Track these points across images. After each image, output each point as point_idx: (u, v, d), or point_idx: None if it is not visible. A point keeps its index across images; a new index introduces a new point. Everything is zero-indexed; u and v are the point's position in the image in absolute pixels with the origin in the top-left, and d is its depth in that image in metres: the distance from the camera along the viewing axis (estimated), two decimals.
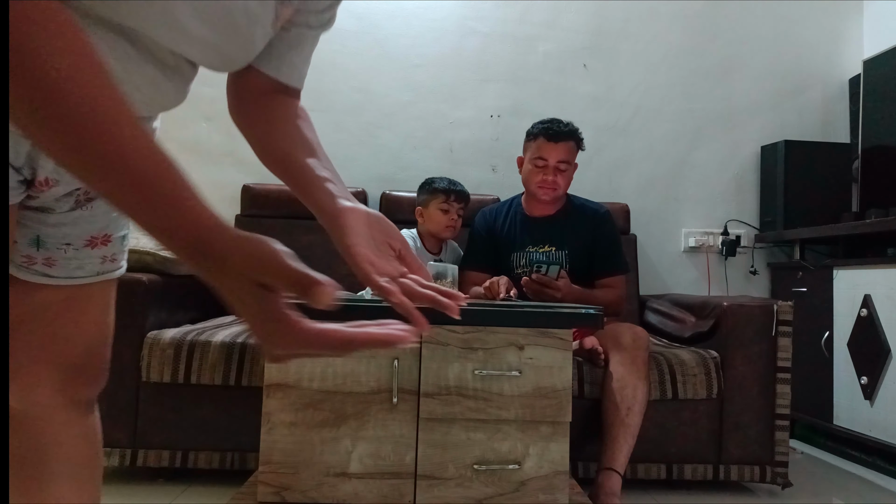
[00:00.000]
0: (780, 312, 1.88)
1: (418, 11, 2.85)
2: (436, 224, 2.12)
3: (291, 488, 1.35)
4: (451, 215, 2.10)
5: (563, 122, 2.08)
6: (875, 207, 2.36)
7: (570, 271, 2.07)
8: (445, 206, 2.10)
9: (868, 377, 2.21)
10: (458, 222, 2.13)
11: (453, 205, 2.10)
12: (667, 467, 1.86)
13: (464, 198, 2.14)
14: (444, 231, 2.13)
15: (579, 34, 2.91)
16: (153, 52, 0.61)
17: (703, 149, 2.93)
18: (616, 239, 2.15)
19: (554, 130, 2.05)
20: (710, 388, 1.85)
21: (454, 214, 2.11)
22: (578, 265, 2.09)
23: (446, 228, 2.12)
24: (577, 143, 2.09)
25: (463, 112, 2.86)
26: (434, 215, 2.12)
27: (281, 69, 0.78)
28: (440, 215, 2.10)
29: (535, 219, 2.15)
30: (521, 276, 2.10)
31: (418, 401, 1.38)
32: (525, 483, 1.39)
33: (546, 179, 2.05)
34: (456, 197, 2.11)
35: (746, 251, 2.88)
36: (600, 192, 2.46)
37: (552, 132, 2.05)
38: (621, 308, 2.09)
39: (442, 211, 2.10)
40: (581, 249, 2.10)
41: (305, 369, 1.37)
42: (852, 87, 2.90)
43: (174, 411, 1.65)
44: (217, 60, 0.70)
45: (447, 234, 2.14)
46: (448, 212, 2.10)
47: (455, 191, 2.12)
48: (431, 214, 2.12)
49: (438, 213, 2.11)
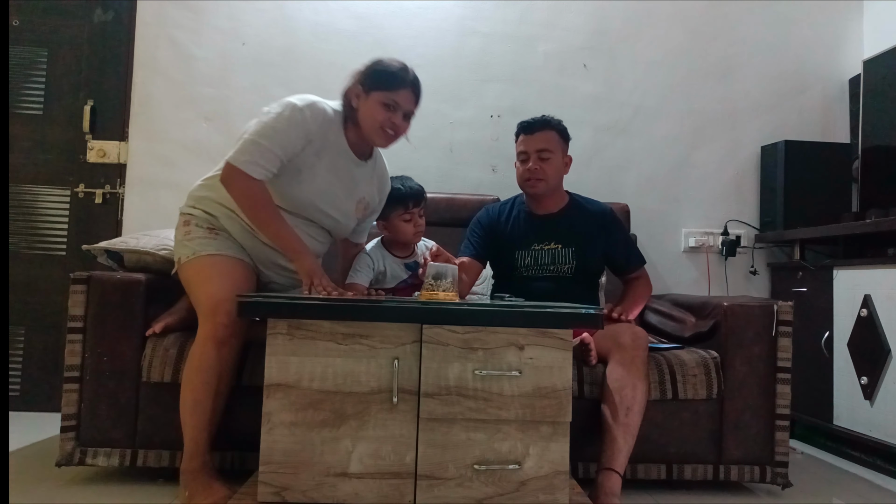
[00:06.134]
0: (780, 312, 1.88)
1: (418, 11, 2.86)
2: (403, 234, 2.04)
3: (291, 488, 1.36)
4: (414, 221, 2.03)
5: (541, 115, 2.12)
6: (875, 207, 2.36)
7: (577, 268, 2.08)
8: (407, 215, 2.02)
9: (868, 377, 2.21)
10: (422, 223, 2.05)
11: (413, 211, 2.02)
12: (667, 467, 1.86)
13: (421, 198, 2.04)
14: (413, 238, 2.06)
15: (579, 34, 2.91)
16: (310, 222, 1.81)
17: (703, 149, 2.93)
18: (628, 233, 2.23)
19: (528, 123, 2.12)
20: (710, 388, 1.85)
21: (417, 218, 2.03)
22: (584, 262, 2.09)
23: (415, 235, 2.05)
24: (558, 133, 2.10)
25: (463, 112, 2.86)
26: (398, 226, 2.03)
27: (355, 236, 2.04)
28: (404, 225, 2.02)
29: (540, 216, 2.15)
30: (524, 274, 2.10)
31: (418, 401, 1.38)
32: (525, 483, 1.39)
33: (527, 169, 2.07)
34: (414, 203, 2.01)
35: (746, 251, 2.89)
36: (600, 192, 2.46)
37: (525, 124, 2.12)
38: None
39: (404, 221, 2.02)
40: (587, 247, 2.10)
41: (306, 369, 1.38)
42: (852, 87, 2.90)
43: (174, 411, 1.64)
44: (336, 230, 1.89)
45: (418, 240, 2.09)
46: (410, 220, 2.02)
47: (413, 196, 2.01)
48: (396, 226, 2.04)
49: (402, 224, 2.02)
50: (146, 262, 1.96)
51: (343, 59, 2.82)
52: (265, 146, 1.65)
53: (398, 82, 1.75)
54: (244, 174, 1.64)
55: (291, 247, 1.67)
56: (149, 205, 2.74)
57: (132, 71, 2.78)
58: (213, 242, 1.73)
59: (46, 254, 2.75)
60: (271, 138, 1.66)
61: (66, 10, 2.79)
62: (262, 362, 1.38)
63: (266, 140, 1.65)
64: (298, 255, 1.66)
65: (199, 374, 1.58)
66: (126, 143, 2.76)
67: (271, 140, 1.66)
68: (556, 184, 2.13)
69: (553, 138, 2.09)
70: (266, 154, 1.65)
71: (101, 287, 1.78)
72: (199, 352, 1.59)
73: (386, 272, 2.04)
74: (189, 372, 1.61)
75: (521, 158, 2.11)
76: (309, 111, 1.71)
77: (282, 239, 1.68)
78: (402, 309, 1.40)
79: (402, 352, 1.39)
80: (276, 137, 1.66)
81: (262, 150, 1.65)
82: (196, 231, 1.75)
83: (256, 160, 1.64)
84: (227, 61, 2.80)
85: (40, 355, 2.70)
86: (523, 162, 2.10)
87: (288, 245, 1.68)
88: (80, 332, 1.77)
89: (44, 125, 2.77)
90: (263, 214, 1.68)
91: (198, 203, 1.80)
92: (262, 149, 1.65)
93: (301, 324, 1.38)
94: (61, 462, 1.76)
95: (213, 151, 2.77)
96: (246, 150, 1.65)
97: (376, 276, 2.04)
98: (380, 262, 2.04)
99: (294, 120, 1.68)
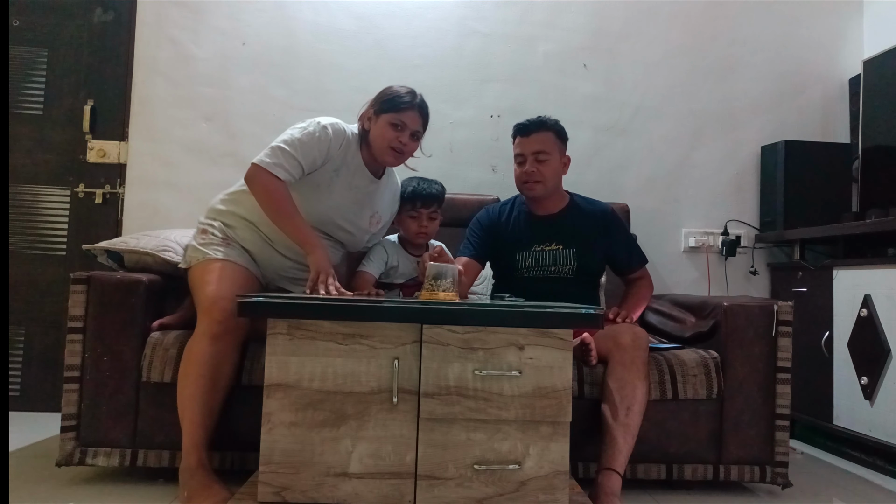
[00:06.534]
0: (780, 312, 1.88)
1: (418, 11, 2.86)
2: (407, 231, 2.11)
3: (291, 488, 1.36)
4: (420, 221, 2.07)
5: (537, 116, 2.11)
6: (875, 207, 2.36)
7: (578, 269, 2.08)
8: (413, 213, 2.08)
9: (868, 377, 2.21)
10: (430, 226, 2.09)
11: (421, 211, 2.07)
12: (667, 467, 1.86)
13: (432, 201, 2.08)
14: (415, 237, 2.11)
15: (579, 34, 2.91)
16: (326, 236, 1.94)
17: (703, 149, 2.93)
18: (629, 233, 2.23)
19: (523, 124, 2.11)
20: (710, 388, 1.85)
21: (424, 220, 2.07)
22: (586, 263, 2.09)
23: (417, 235, 2.09)
24: (554, 133, 2.09)
25: (463, 112, 2.86)
26: (404, 223, 2.11)
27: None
28: (409, 222, 2.09)
29: (541, 217, 2.14)
30: (524, 275, 2.10)
31: (418, 401, 1.38)
32: (525, 483, 1.39)
33: (524, 171, 2.07)
34: (422, 203, 2.07)
35: (746, 251, 2.89)
36: (600, 192, 2.46)
37: (521, 126, 2.11)
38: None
39: (411, 218, 2.09)
40: (588, 247, 2.10)
41: (306, 369, 1.38)
42: (852, 87, 2.90)
43: (174, 411, 1.65)
44: (351, 243, 2.05)
45: (420, 240, 2.12)
46: (417, 218, 2.08)
47: (421, 197, 2.07)
48: (403, 222, 2.12)
49: (408, 221, 2.09)
50: (146, 262, 1.96)
51: (343, 59, 2.84)
52: (289, 152, 1.80)
53: (405, 104, 1.90)
54: (268, 172, 1.78)
55: (308, 240, 1.76)
56: (149, 205, 2.74)
57: (132, 71, 2.78)
58: (224, 250, 1.85)
59: (46, 254, 2.75)
60: (296, 147, 1.81)
61: (66, 10, 2.79)
62: (263, 362, 1.38)
63: (291, 147, 1.81)
64: (314, 248, 1.75)
65: (194, 366, 1.63)
66: (126, 143, 2.76)
67: (295, 149, 1.81)
68: (555, 185, 2.12)
69: (549, 139, 2.08)
70: (290, 160, 1.80)
71: (101, 287, 1.78)
72: (194, 345, 1.67)
73: (398, 267, 2.11)
74: (184, 365, 1.67)
75: (518, 161, 2.10)
76: (332, 129, 1.87)
77: (300, 232, 1.78)
78: (402, 309, 1.40)
79: (402, 352, 1.39)
80: (301, 148, 1.82)
81: (286, 154, 1.80)
82: (210, 238, 1.88)
83: (281, 162, 1.79)
84: (227, 61, 2.80)
85: (40, 355, 2.70)
86: (520, 164, 2.09)
87: (305, 238, 1.77)
88: (80, 332, 1.77)
89: (44, 125, 2.77)
90: (283, 209, 1.78)
91: (218, 216, 1.93)
92: (287, 154, 1.80)
93: (301, 324, 1.38)
94: (61, 462, 1.76)
95: (213, 151, 2.77)
96: (272, 154, 1.80)
97: (388, 269, 2.10)
98: (393, 257, 2.11)
99: (318, 136, 1.84)
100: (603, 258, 2.17)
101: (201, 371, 1.63)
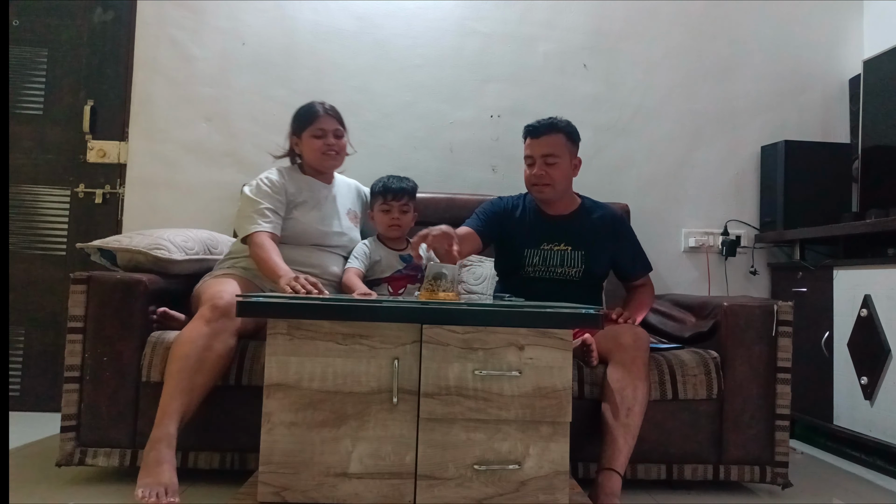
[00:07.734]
0: (780, 312, 1.88)
1: (418, 11, 2.86)
2: (380, 224, 2.18)
3: (291, 488, 1.36)
4: (391, 214, 2.14)
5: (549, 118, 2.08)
6: (875, 207, 2.36)
7: (584, 272, 2.07)
8: (385, 206, 2.14)
9: (868, 377, 2.21)
10: (402, 219, 2.15)
11: (392, 204, 2.14)
12: (667, 467, 1.86)
13: (402, 194, 2.15)
14: (388, 230, 2.17)
15: (579, 34, 2.91)
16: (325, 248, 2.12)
17: (703, 149, 2.93)
18: (637, 240, 2.21)
19: (534, 126, 2.08)
20: (710, 388, 1.85)
21: (395, 212, 2.14)
22: (593, 266, 2.08)
23: (389, 228, 2.16)
24: (565, 135, 2.06)
25: (463, 112, 2.86)
26: (378, 217, 2.18)
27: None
28: (381, 215, 2.16)
29: (551, 217, 2.12)
30: (530, 274, 2.08)
31: (418, 401, 1.38)
32: (525, 483, 1.39)
33: (533, 174, 2.05)
34: (392, 196, 2.13)
35: (746, 251, 2.89)
36: (600, 192, 2.45)
37: (531, 128, 2.08)
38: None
39: (383, 212, 2.15)
40: (597, 251, 2.08)
41: (306, 369, 1.38)
42: (852, 87, 2.90)
43: None
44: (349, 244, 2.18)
45: (394, 233, 2.17)
46: (389, 211, 2.14)
47: (391, 190, 2.14)
48: (376, 216, 2.19)
49: (381, 215, 2.16)
50: (138, 261, 1.96)
51: (343, 59, 2.84)
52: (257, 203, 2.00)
53: (315, 114, 2.11)
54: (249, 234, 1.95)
55: (275, 273, 1.84)
56: (149, 205, 2.74)
57: (132, 71, 2.78)
58: (241, 271, 2.00)
59: (46, 254, 2.75)
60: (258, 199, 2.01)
61: (66, 10, 2.79)
62: (262, 362, 1.38)
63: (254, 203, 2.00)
64: (279, 277, 1.81)
65: (181, 345, 1.66)
66: (126, 143, 2.76)
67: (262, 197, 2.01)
68: (564, 188, 2.10)
69: (559, 142, 2.04)
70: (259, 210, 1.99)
71: (102, 287, 1.78)
72: (188, 328, 1.70)
73: (381, 262, 2.14)
74: (174, 345, 1.69)
75: (528, 162, 2.08)
76: (273, 175, 2.09)
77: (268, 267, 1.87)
78: (402, 309, 1.41)
79: (402, 352, 1.39)
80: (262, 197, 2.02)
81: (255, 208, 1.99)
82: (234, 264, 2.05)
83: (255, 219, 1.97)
84: (227, 61, 2.80)
85: (40, 355, 2.70)
86: (530, 166, 2.07)
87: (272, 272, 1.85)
88: (80, 332, 1.77)
89: (44, 125, 2.77)
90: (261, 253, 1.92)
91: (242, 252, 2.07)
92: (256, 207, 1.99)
93: (301, 324, 1.38)
94: (61, 462, 1.76)
95: (213, 151, 2.77)
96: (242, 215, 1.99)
97: (371, 264, 2.14)
98: (375, 252, 2.16)
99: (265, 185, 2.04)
100: (609, 263, 2.16)
101: (188, 349, 1.64)
